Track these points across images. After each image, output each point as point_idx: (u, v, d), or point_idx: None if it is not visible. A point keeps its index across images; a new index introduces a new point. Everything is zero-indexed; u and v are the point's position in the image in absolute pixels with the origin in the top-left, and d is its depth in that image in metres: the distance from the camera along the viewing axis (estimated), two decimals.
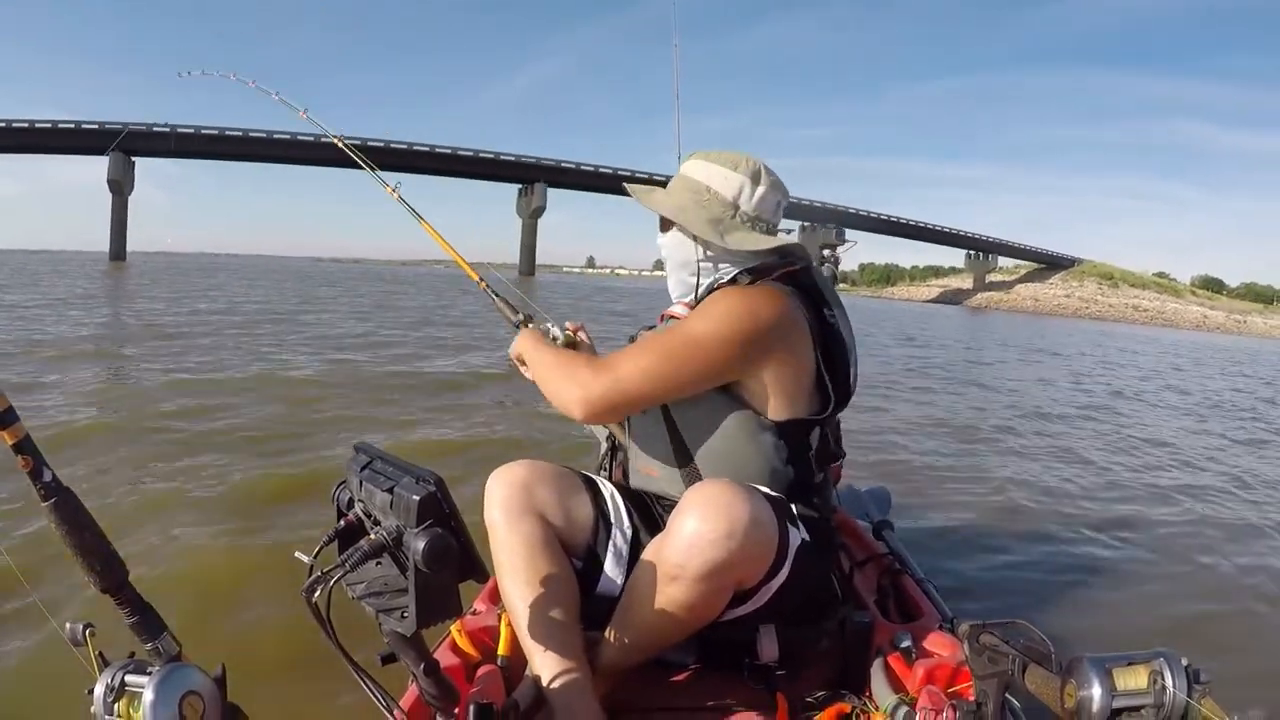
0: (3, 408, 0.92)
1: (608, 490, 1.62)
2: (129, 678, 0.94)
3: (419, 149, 64.69)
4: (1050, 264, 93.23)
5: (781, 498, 1.46)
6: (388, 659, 1.18)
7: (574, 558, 1.54)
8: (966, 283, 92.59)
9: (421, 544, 0.97)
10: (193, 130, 58.56)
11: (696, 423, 1.51)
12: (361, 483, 1.12)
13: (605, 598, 1.54)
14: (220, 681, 0.99)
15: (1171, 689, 0.92)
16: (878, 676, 1.49)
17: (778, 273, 1.52)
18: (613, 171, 68.46)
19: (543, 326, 1.84)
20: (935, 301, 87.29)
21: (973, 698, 1.19)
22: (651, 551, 1.37)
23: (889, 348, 14.51)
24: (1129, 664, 0.96)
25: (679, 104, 2.67)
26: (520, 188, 69.75)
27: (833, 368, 1.52)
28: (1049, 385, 10.44)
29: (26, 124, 55.47)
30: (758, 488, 1.41)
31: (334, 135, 2.72)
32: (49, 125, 56.88)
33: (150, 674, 0.94)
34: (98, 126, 55.77)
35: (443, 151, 64.96)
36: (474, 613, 1.70)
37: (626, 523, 1.57)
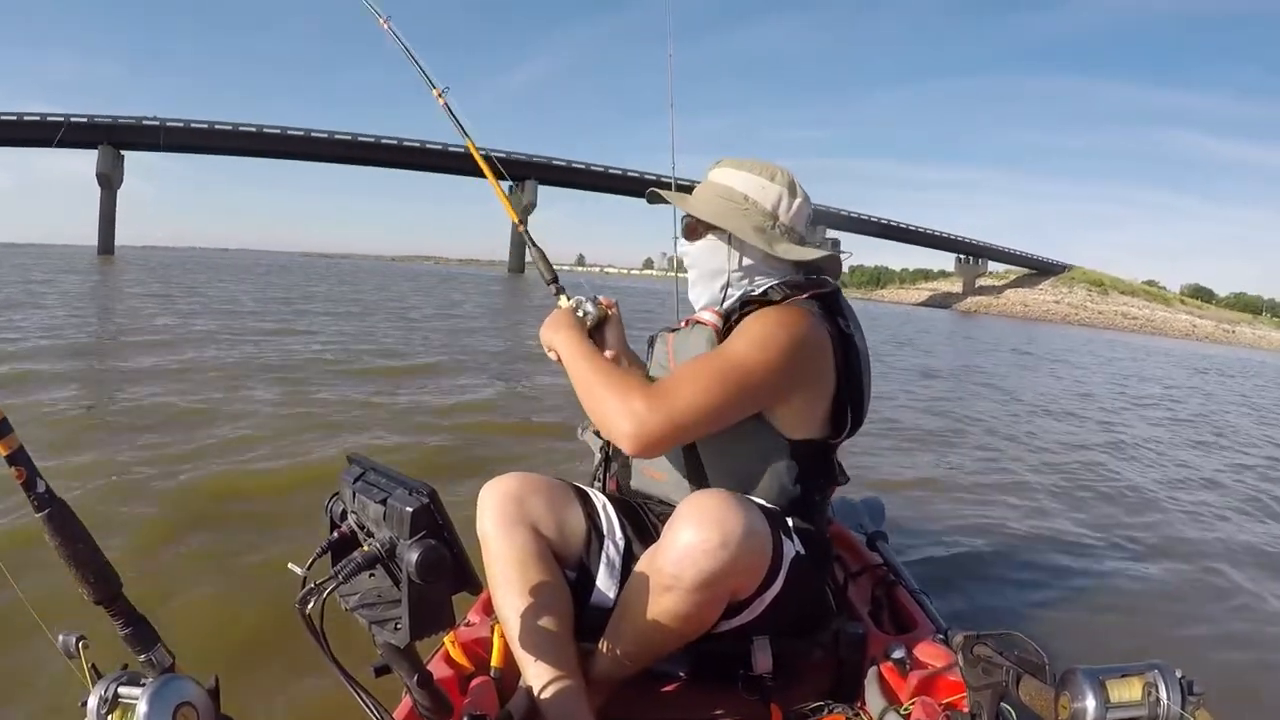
0: None
1: (600, 501, 1.62)
2: (122, 689, 0.94)
3: (409, 144, 64.71)
4: (1040, 270, 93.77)
5: (776, 510, 1.46)
6: (381, 671, 1.18)
7: (566, 569, 1.54)
8: (956, 286, 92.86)
9: (415, 555, 0.97)
10: (182, 124, 58.29)
11: (714, 434, 1.48)
12: (355, 494, 1.12)
13: (598, 609, 1.53)
14: (214, 693, 0.98)
15: (1165, 701, 0.92)
16: (871, 687, 1.49)
17: (809, 293, 1.51)
18: (603, 170, 68.48)
19: (574, 300, 1.77)
20: (925, 305, 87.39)
21: (967, 709, 1.19)
22: (645, 562, 1.37)
23: (884, 355, 14.54)
24: (1123, 675, 0.96)
25: (673, 109, 2.68)
26: (511, 185, 69.60)
27: (851, 392, 1.51)
28: (1044, 393, 10.45)
29: (14, 117, 55.08)
30: (754, 499, 1.42)
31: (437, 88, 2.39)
32: (37, 118, 56.61)
33: (144, 686, 0.94)
34: (87, 120, 55.64)
35: (433, 148, 64.73)
36: (467, 624, 1.69)
37: (619, 534, 1.58)
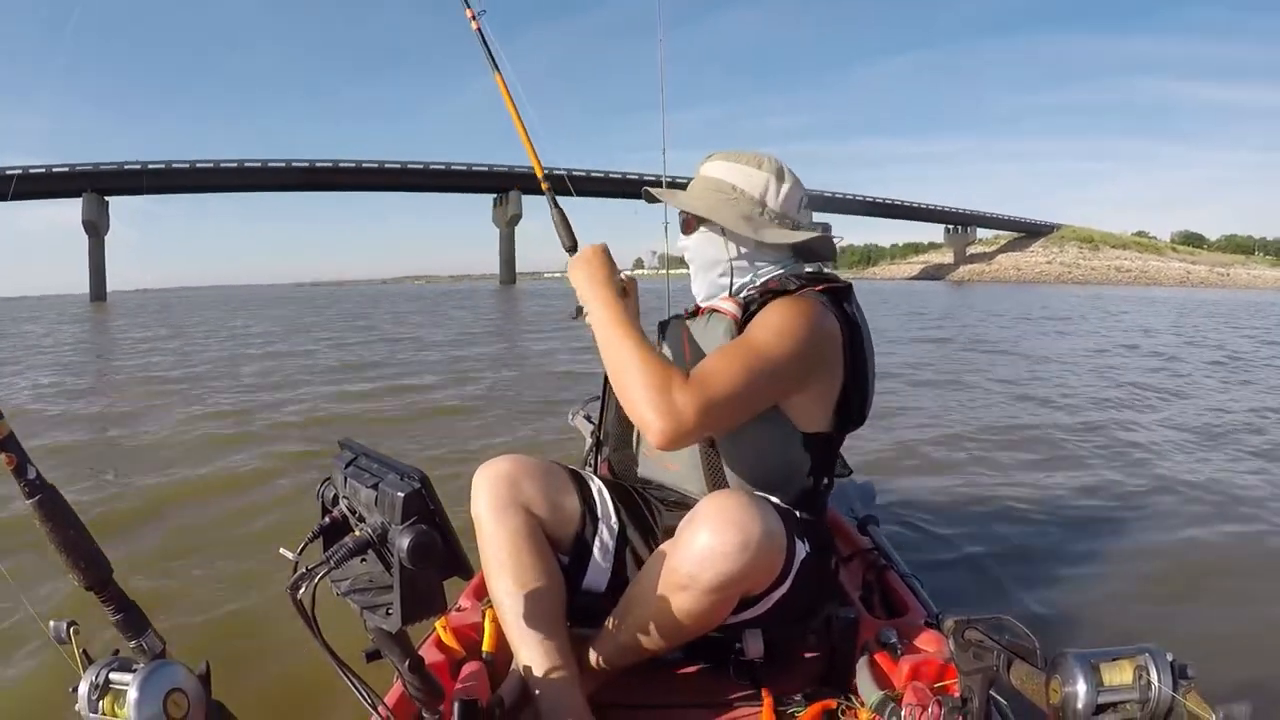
0: None
1: (595, 485, 1.62)
2: (113, 675, 0.94)
3: (390, 167, 64.73)
4: (1029, 232, 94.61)
5: (790, 510, 1.47)
6: (372, 656, 1.18)
7: (560, 552, 1.54)
8: (947, 257, 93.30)
9: (406, 540, 0.97)
10: (163, 165, 58.61)
11: None
12: (346, 479, 1.12)
13: (591, 593, 1.54)
14: (205, 679, 0.98)
15: (1157, 684, 0.92)
16: (863, 672, 1.50)
17: (821, 286, 1.51)
18: (585, 174, 67.63)
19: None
20: (917, 279, 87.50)
21: (958, 693, 1.20)
22: (660, 559, 1.36)
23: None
24: (1114, 659, 0.96)
25: (664, 104, 2.66)
26: (495, 197, 69.40)
27: (857, 385, 1.52)
28: (1036, 365, 10.41)
29: None
30: (768, 498, 1.42)
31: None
32: (19, 171, 56.64)
33: (135, 671, 0.93)
34: (69, 169, 55.76)
35: (414, 167, 64.95)
36: (459, 609, 1.70)
37: (614, 518, 1.58)
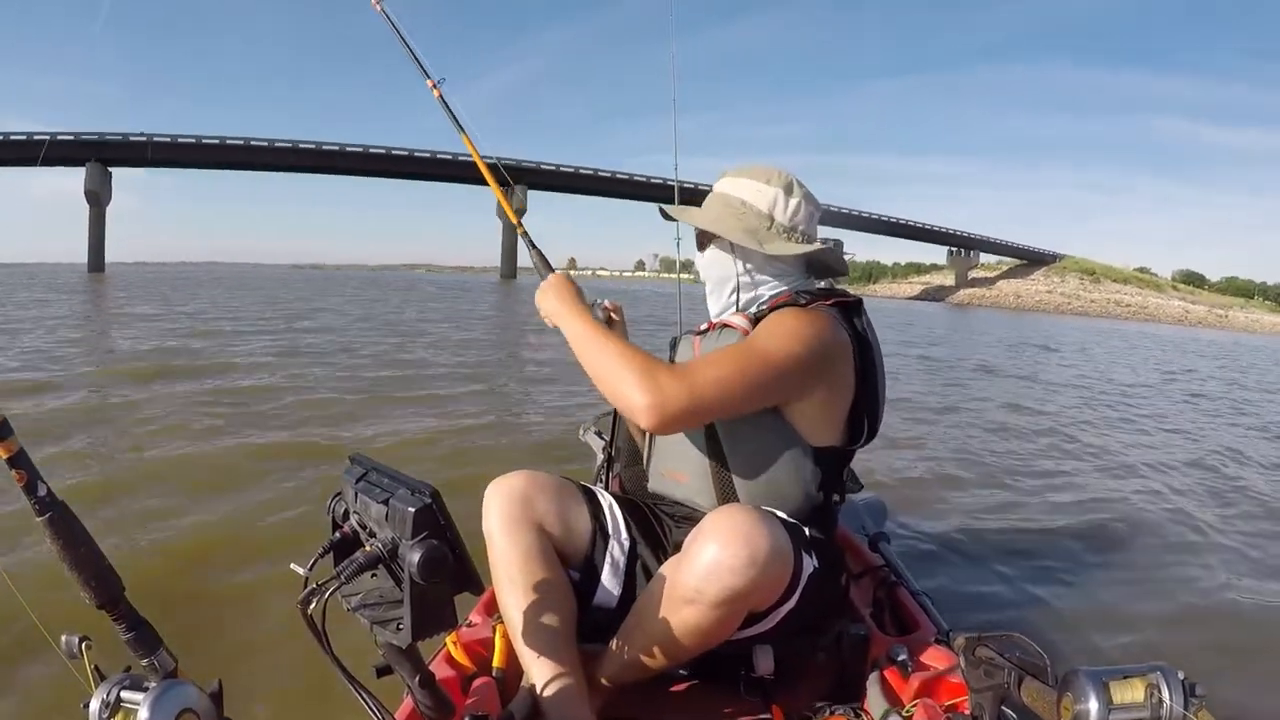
0: None
1: (606, 501, 1.62)
2: (125, 694, 0.94)
3: (397, 153, 64.72)
4: (1031, 260, 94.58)
5: (798, 525, 1.46)
6: (383, 671, 1.18)
7: (571, 569, 1.54)
8: (949, 279, 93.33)
9: (417, 556, 0.97)
10: (169, 139, 58.20)
11: (742, 437, 1.50)
12: (357, 494, 1.12)
13: (602, 609, 1.54)
14: (216, 697, 0.98)
15: (1168, 702, 0.92)
16: (873, 689, 1.49)
17: (832, 300, 1.53)
18: (593, 172, 68.18)
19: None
20: (918, 299, 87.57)
21: (968, 711, 1.19)
22: (667, 573, 1.36)
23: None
24: (1125, 677, 0.96)
25: (676, 111, 2.67)
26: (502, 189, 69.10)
27: (868, 400, 1.53)
28: (1049, 388, 10.41)
29: (0, 137, 55.13)
30: (775, 513, 1.42)
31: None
32: (24, 137, 56.48)
33: (146, 690, 0.93)
34: (73, 137, 55.41)
35: (421, 155, 64.70)
36: (469, 624, 1.70)
37: (625, 534, 1.58)
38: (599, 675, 1.51)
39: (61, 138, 55.46)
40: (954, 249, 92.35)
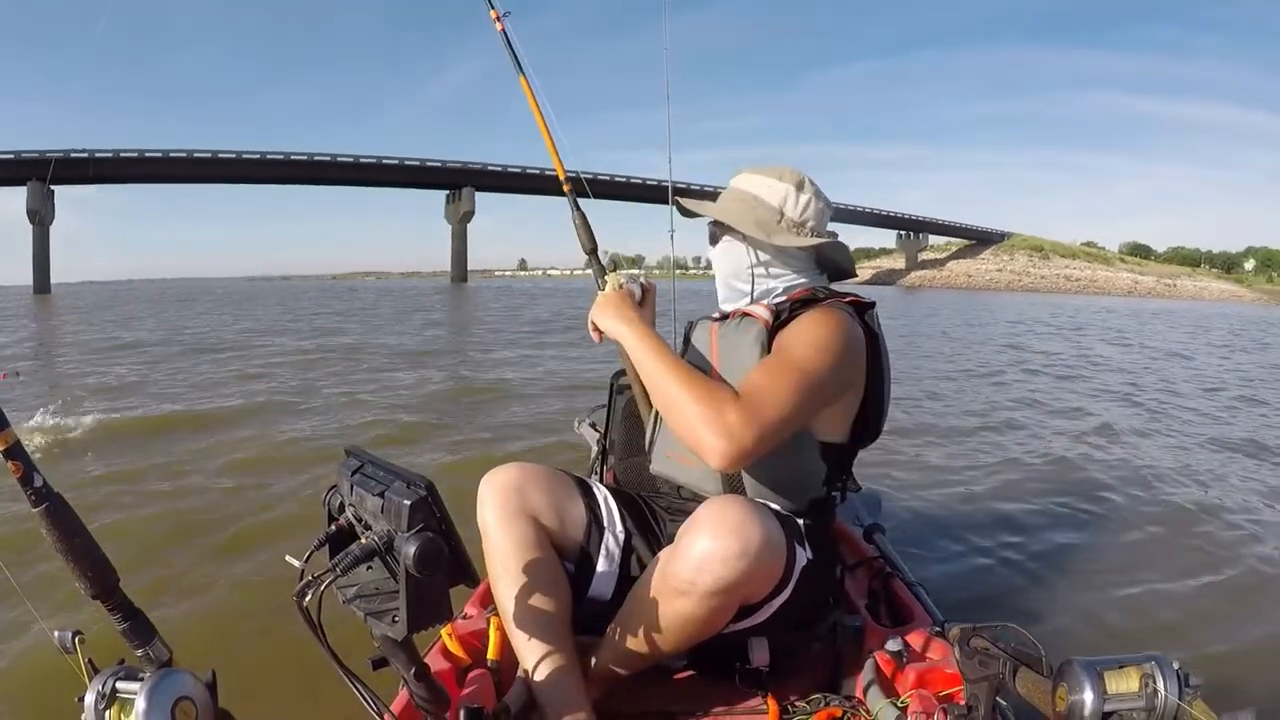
0: None
1: (601, 493, 1.62)
2: (120, 684, 0.94)
3: (343, 160, 64.36)
4: (980, 240, 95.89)
5: (791, 517, 1.47)
6: (379, 663, 1.18)
7: (566, 560, 1.54)
8: (899, 263, 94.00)
9: (412, 548, 0.97)
10: (111, 154, 56.62)
11: None
12: (352, 487, 1.12)
13: (597, 600, 1.54)
14: (211, 687, 0.98)
15: (1163, 692, 0.92)
16: (869, 680, 1.50)
17: (848, 299, 1.55)
18: (540, 172, 67.63)
19: (621, 278, 1.72)
20: (869, 283, 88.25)
21: (963, 701, 1.19)
22: (660, 564, 1.36)
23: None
24: (1120, 667, 0.96)
25: (670, 107, 2.66)
26: (448, 194, 69.32)
27: (876, 397, 1.55)
28: (1030, 373, 10.40)
29: None
30: (769, 505, 1.43)
31: None
32: None
33: (142, 680, 0.93)
34: (13, 156, 53.43)
35: (367, 161, 64.65)
36: (464, 617, 1.70)
37: (619, 526, 1.58)
38: (594, 666, 1.51)
39: (1, 156, 53.18)
40: (903, 232, 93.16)
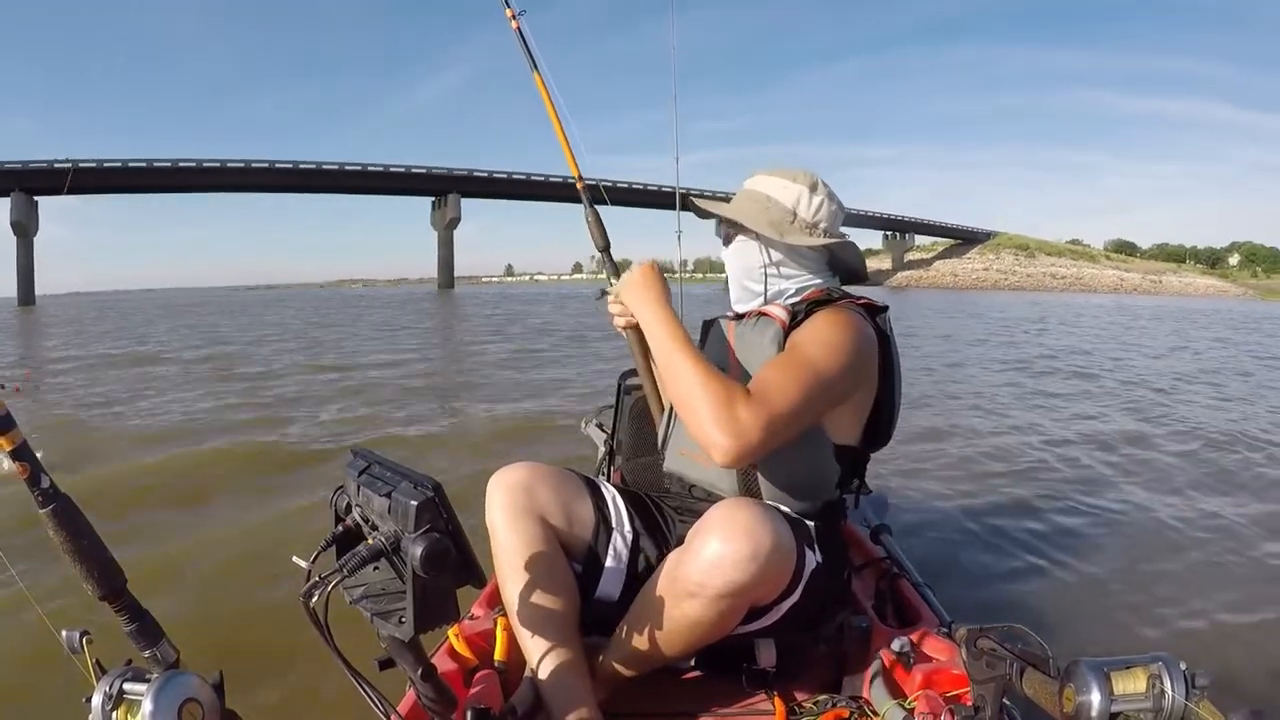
0: (1, 413, 0.91)
1: (609, 493, 1.62)
2: (127, 685, 0.94)
3: (328, 168, 64.23)
4: (966, 239, 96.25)
5: (801, 520, 1.47)
6: (385, 664, 1.18)
7: (574, 560, 1.54)
8: (885, 263, 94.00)
9: (419, 549, 0.97)
10: (95, 164, 56.14)
11: None
12: (359, 488, 1.12)
13: (604, 601, 1.54)
14: (219, 688, 0.98)
15: (1170, 693, 0.92)
16: (875, 681, 1.49)
17: (861, 301, 1.56)
18: (526, 177, 67.80)
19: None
20: (852, 284, 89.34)
21: (970, 702, 1.19)
22: (669, 567, 1.37)
23: None
24: (1127, 668, 0.96)
25: (676, 107, 2.66)
26: (433, 200, 69.17)
27: (888, 402, 1.56)
28: (1035, 373, 10.36)
29: None
30: (779, 508, 1.43)
31: None
32: None
33: (149, 681, 0.93)
34: None
35: (352, 169, 64.56)
36: (471, 617, 1.70)
37: (628, 526, 1.58)
38: (601, 667, 1.51)
39: None
40: (889, 233, 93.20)
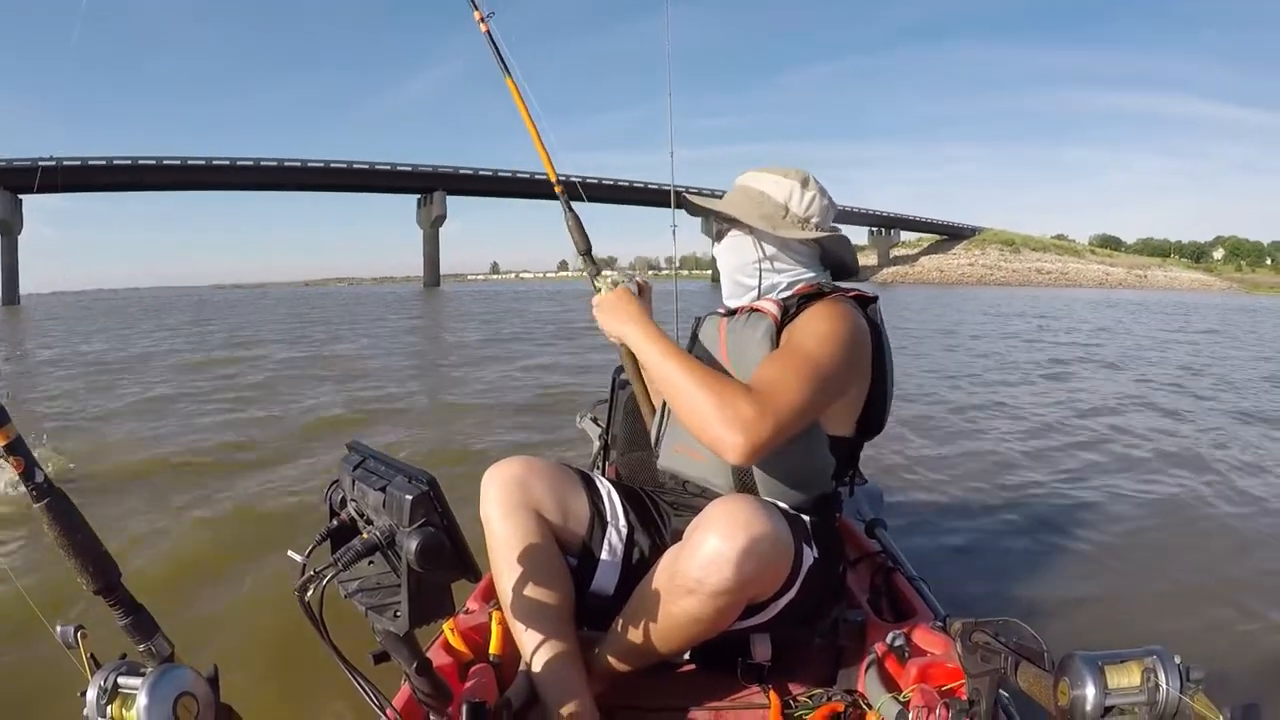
0: None
1: (604, 488, 1.63)
2: (122, 680, 0.94)
3: (314, 165, 63.68)
4: (951, 235, 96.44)
5: (799, 516, 1.47)
6: (380, 658, 1.18)
7: (569, 554, 1.54)
8: (871, 259, 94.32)
9: (414, 543, 0.97)
10: (80, 162, 54.89)
11: None
12: (354, 482, 1.12)
13: (599, 596, 1.54)
14: (213, 682, 0.98)
15: (1164, 686, 0.92)
16: (871, 675, 1.50)
17: (852, 293, 1.57)
18: (511, 174, 67.48)
19: (613, 277, 1.71)
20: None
21: (965, 696, 1.19)
22: (667, 562, 1.37)
23: None
24: (1122, 661, 0.96)
25: (672, 106, 2.65)
26: (419, 198, 68.73)
27: (880, 392, 1.56)
28: (1029, 366, 10.38)
29: None
30: (777, 504, 1.43)
31: None
32: None
33: (143, 675, 0.93)
34: None
35: (338, 166, 64.07)
36: (466, 611, 1.70)
37: (622, 520, 1.58)
38: (596, 661, 1.51)
39: None
40: (874, 229, 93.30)
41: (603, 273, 1.75)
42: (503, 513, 1.50)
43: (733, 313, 1.66)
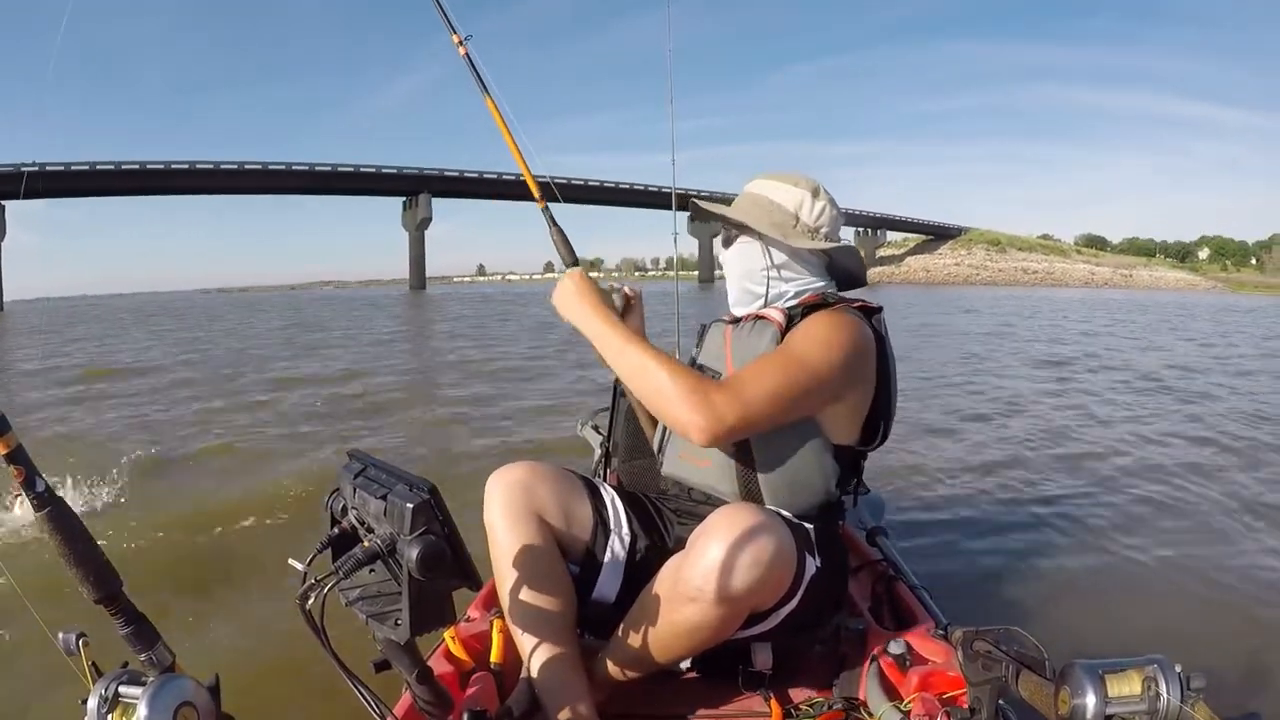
0: None
1: (608, 495, 1.62)
2: (123, 689, 0.94)
3: (298, 169, 63.16)
4: (938, 234, 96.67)
5: (802, 525, 1.47)
6: (381, 666, 1.18)
7: (571, 561, 1.54)
8: None
9: (415, 551, 0.97)
10: (63, 167, 53.79)
11: (769, 431, 1.48)
12: (355, 490, 1.12)
13: (600, 603, 1.54)
14: (214, 691, 0.98)
15: (1165, 695, 0.92)
16: (872, 683, 1.50)
17: (856, 304, 1.57)
18: (497, 176, 66.48)
19: (605, 284, 1.69)
20: None
21: (966, 704, 1.19)
22: (670, 571, 1.36)
23: None
24: (1122, 670, 0.96)
25: (672, 110, 2.66)
26: (404, 200, 68.30)
27: (885, 402, 1.56)
28: (1030, 373, 10.36)
29: None
30: (780, 513, 1.43)
31: None
32: None
33: (144, 685, 0.93)
34: None
35: (322, 169, 63.43)
36: (467, 620, 1.70)
37: (625, 528, 1.58)
38: (598, 669, 1.51)
39: None
40: (860, 229, 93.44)
41: (589, 275, 1.73)
42: (506, 518, 1.50)
43: (738, 320, 1.66)
